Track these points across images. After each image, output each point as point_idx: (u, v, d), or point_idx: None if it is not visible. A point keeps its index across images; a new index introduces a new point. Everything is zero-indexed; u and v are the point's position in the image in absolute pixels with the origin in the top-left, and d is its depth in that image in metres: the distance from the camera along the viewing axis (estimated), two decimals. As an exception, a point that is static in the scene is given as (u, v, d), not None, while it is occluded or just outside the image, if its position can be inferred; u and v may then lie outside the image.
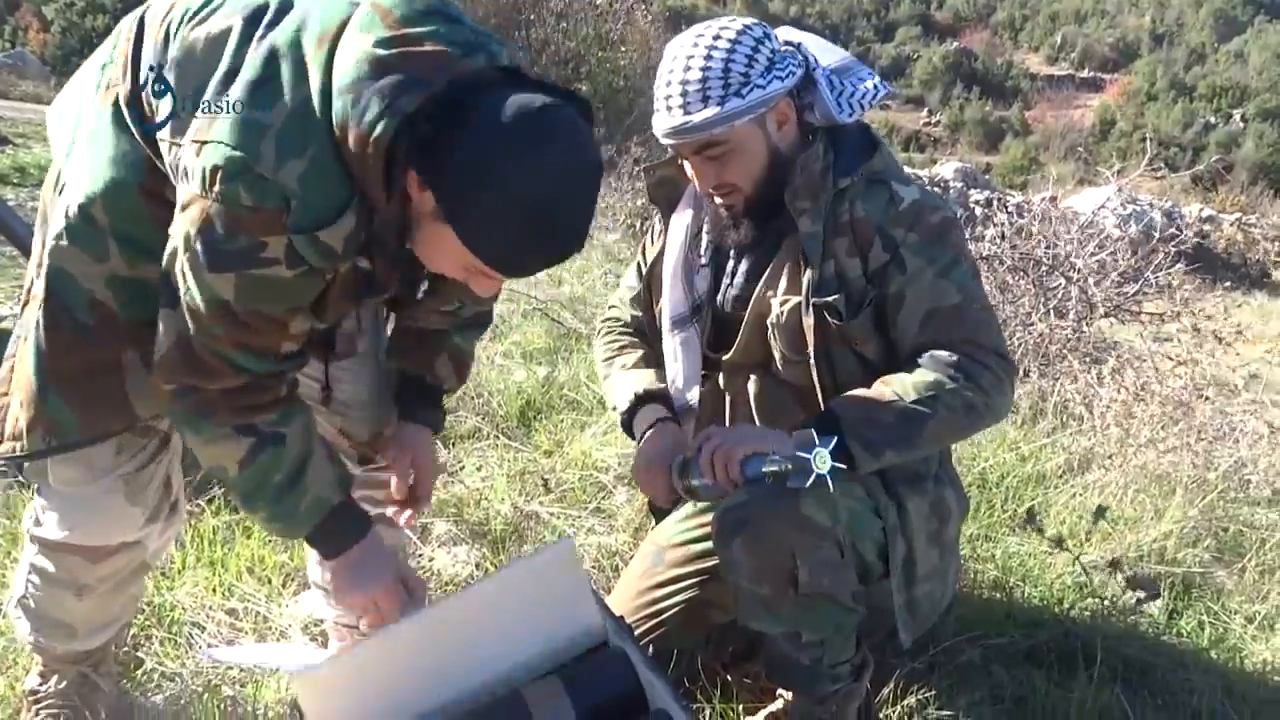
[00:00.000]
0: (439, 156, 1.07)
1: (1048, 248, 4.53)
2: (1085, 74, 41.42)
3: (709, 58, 1.42)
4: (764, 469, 1.38)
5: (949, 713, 1.69)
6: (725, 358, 1.65)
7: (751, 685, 1.79)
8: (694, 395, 1.68)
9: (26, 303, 1.36)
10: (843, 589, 1.48)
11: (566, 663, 1.40)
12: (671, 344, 1.69)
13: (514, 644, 1.36)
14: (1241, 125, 33.14)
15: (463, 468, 2.68)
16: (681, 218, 1.69)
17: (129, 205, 1.26)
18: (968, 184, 12.92)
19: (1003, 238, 4.77)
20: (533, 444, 2.88)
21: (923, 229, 1.47)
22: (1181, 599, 2.21)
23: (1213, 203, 16.30)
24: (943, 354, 1.42)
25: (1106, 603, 1.85)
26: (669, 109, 1.45)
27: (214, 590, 2.06)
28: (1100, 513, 1.65)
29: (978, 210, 10.23)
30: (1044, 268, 4.38)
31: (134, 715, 1.67)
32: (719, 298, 1.66)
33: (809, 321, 1.51)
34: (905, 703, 1.71)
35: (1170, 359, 3.72)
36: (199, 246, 1.12)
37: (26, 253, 1.85)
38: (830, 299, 1.49)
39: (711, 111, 1.42)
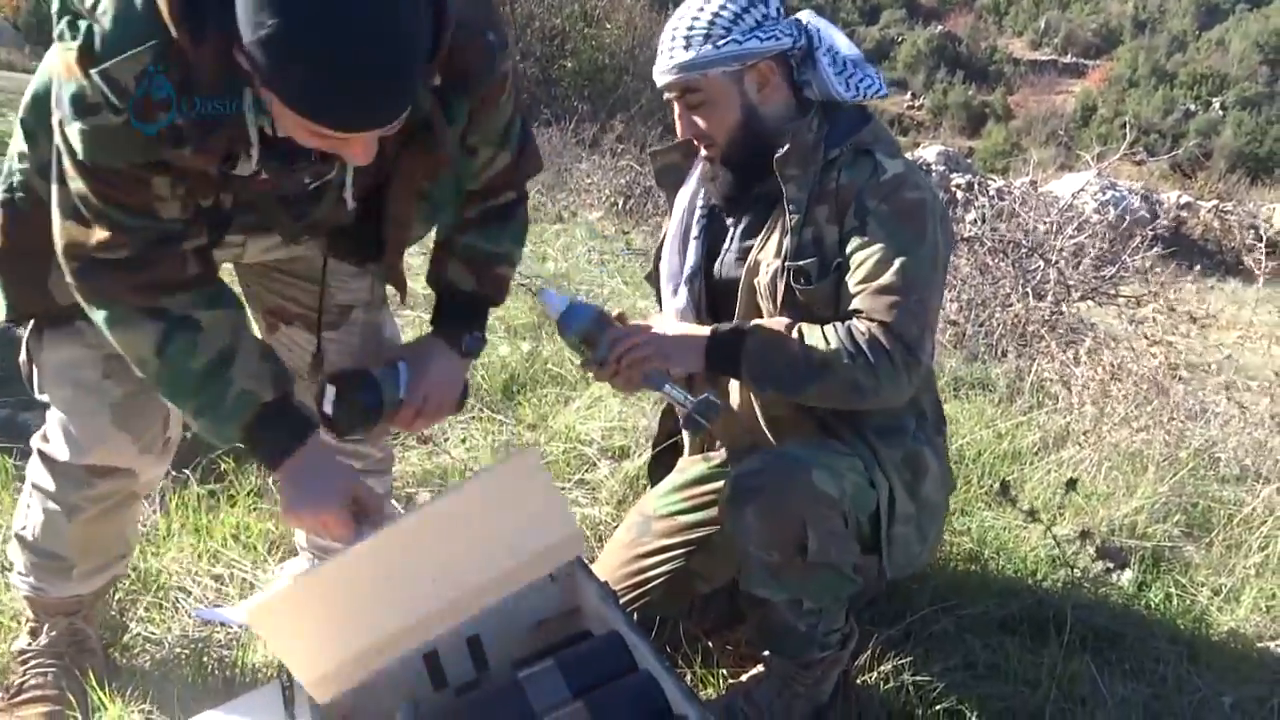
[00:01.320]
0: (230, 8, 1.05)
1: (1027, 231, 4.58)
2: (1068, 59, 41.54)
3: (701, 9, 1.54)
4: (663, 388, 1.50)
5: (924, 678, 1.73)
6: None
7: (733, 652, 1.83)
8: None
9: None
10: (846, 559, 1.53)
11: (560, 646, 1.43)
12: (669, 309, 1.77)
13: (484, 557, 1.35)
14: (1221, 113, 33.36)
15: (447, 440, 2.70)
16: (684, 193, 1.77)
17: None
18: (950, 167, 12.99)
19: (983, 220, 4.81)
20: (516, 417, 2.90)
21: (895, 203, 1.52)
22: (1150, 572, 2.26)
23: (1191, 189, 16.46)
24: (860, 328, 1.46)
25: (1077, 573, 1.90)
26: (662, 52, 1.58)
27: (200, 557, 2.07)
28: (1071, 484, 1.69)
29: (959, 194, 10.28)
30: (1023, 250, 4.43)
31: (121, 677, 1.68)
32: (718, 265, 1.72)
33: (780, 285, 1.57)
34: (881, 669, 1.75)
35: (1145, 338, 3.78)
36: (59, 100, 1.16)
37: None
38: (803, 263, 1.55)
39: (688, 55, 1.54)
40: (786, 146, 1.57)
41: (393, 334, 1.83)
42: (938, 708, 1.69)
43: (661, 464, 1.97)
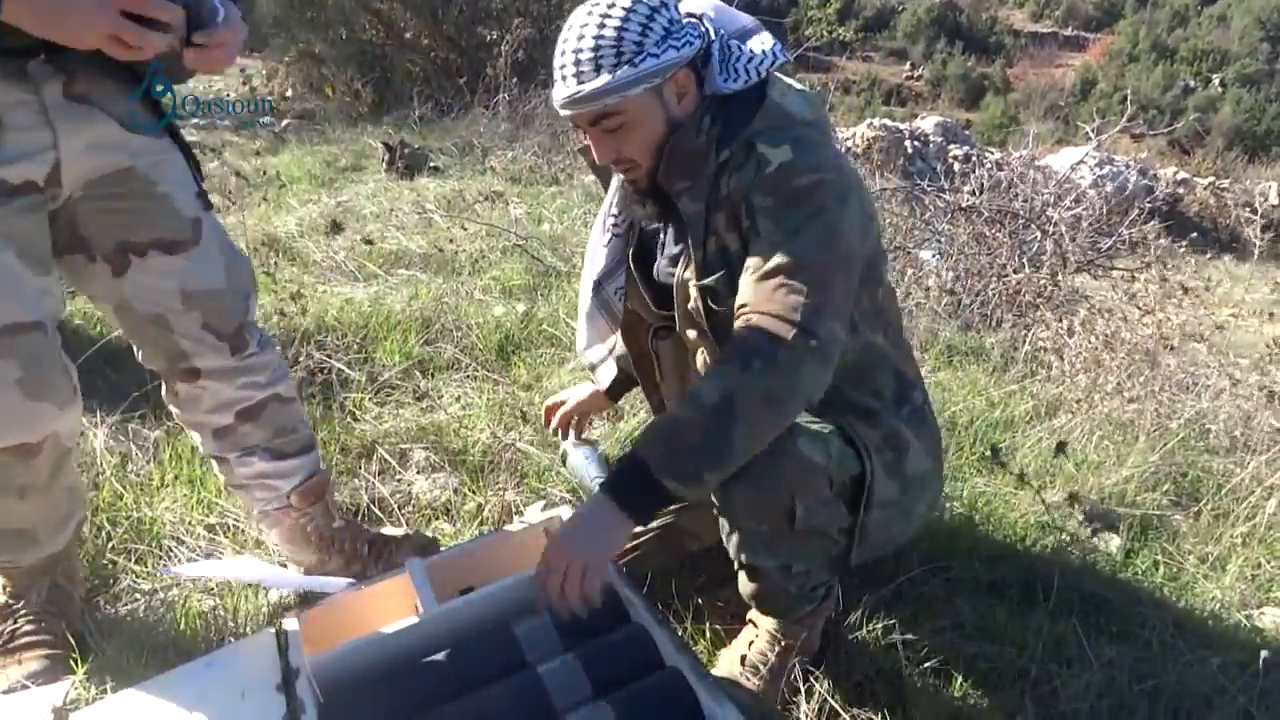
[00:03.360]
0: None
1: (1024, 201, 4.57)
2: (1069, 32, 41.29)
3: (602, 26, 1.38)
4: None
5: (912, 637, 1.75)
6: (675, 329, 1.67)
7: (723, 610, 1.84)
8: (596, 358, 1.88)
9: None
10: (833, 525, 1.50)
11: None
12: (581, 309, 1.79)
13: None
14: (1220, 90, 33.24)
15: (442, 398, 2.70)
16: (615, 182, 1.69)
17: None
18: (947, 139, 12.90)
19: (981, 190, 4.80)
20: (511, 377, 2.90)
21: (781, 193, 1.40)
22: (1139, 540, 2.28)
23: (1188, 166, 16.41)
24: (741, 329, 1.36)
25: (1066, 538, 1.91)
26: (563, 79, 1.41)
27: (193, 507, 2.08)
28: (1061, 448, 1.69)
29: (956, 165, 10.25)
30: (1020, 221, 4.42)
31: (112, 628, 1.69)
32: (655, 269, 1.68)
33: (695, 305, 1.53)
34: (871, 628, 1.77)
35: (1139, 308, 3.79)
36: None
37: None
38: (710, 281, 1.48)
39: (603, 80, 1.38)
40: (665, 161, 1.46)
41: None
42: (926, 666, 1.71)
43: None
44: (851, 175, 1.46)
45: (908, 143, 11.27)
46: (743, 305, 1.39)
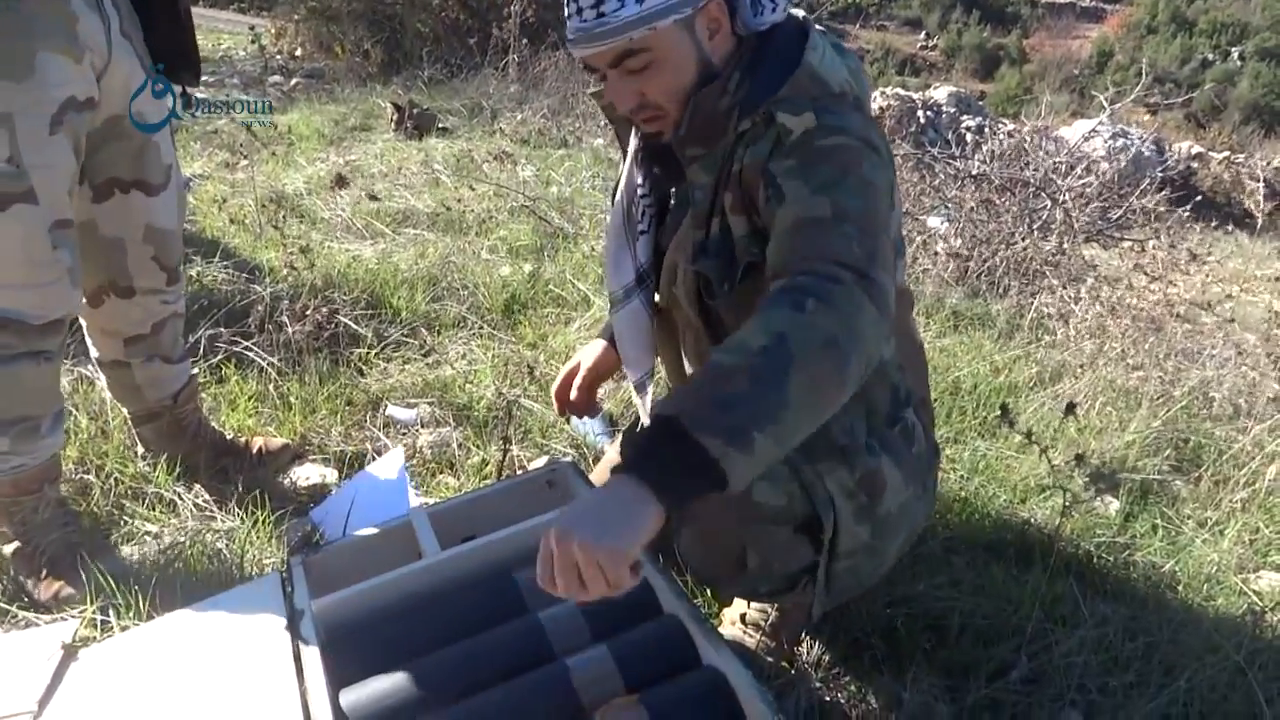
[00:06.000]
0: None
1: (1035, 170, 4.54)
2: (1087, 3, 40.74)
3: None
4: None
5: (910, 593, 1.77)
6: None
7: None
8: (646, 368, 1.57)
9: None
10: (795, 564, 1.36)
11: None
12: (617, 320, 1.54)
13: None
14: (1239, 63, 32.82)
15: (448, 354, 2.72)
16: (633, 149, 1.50)
17: None
18: (960, 109, 12.79)
19: (992, 158, 4.77)
20: (517, 336, 2.91)
21: (804, 153, 1.20)
22: (1139, 504, 2.29)
23: (1204, 140, 16.24)
24: (789, 276, 1.09)
25: (1067, 499, 1.93)
26: (578, 10, 1.23)
27: (201, 457, 2.10)
28: (1070, 408, 1.69)
29: (968, 136, 10.17)
30: (1031, 189, 4.40)
31: (121, 569, 1.72)
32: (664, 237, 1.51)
33: (685, 289, 1.40)
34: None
35: (1147, 274, 3.78)
36: None
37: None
38: (705, 267, 1.33)
39: (629, 10, 1.20)
40: (687, 120, 1.29)
41: None
42: (922, 622, 1.72)
43: None
44: (884, 150, 1.27)
45: (920, 112, 11.18)
46: (776, 269, 1.15)
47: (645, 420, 1.67)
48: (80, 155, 1.56)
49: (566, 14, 1.26)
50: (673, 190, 1.50)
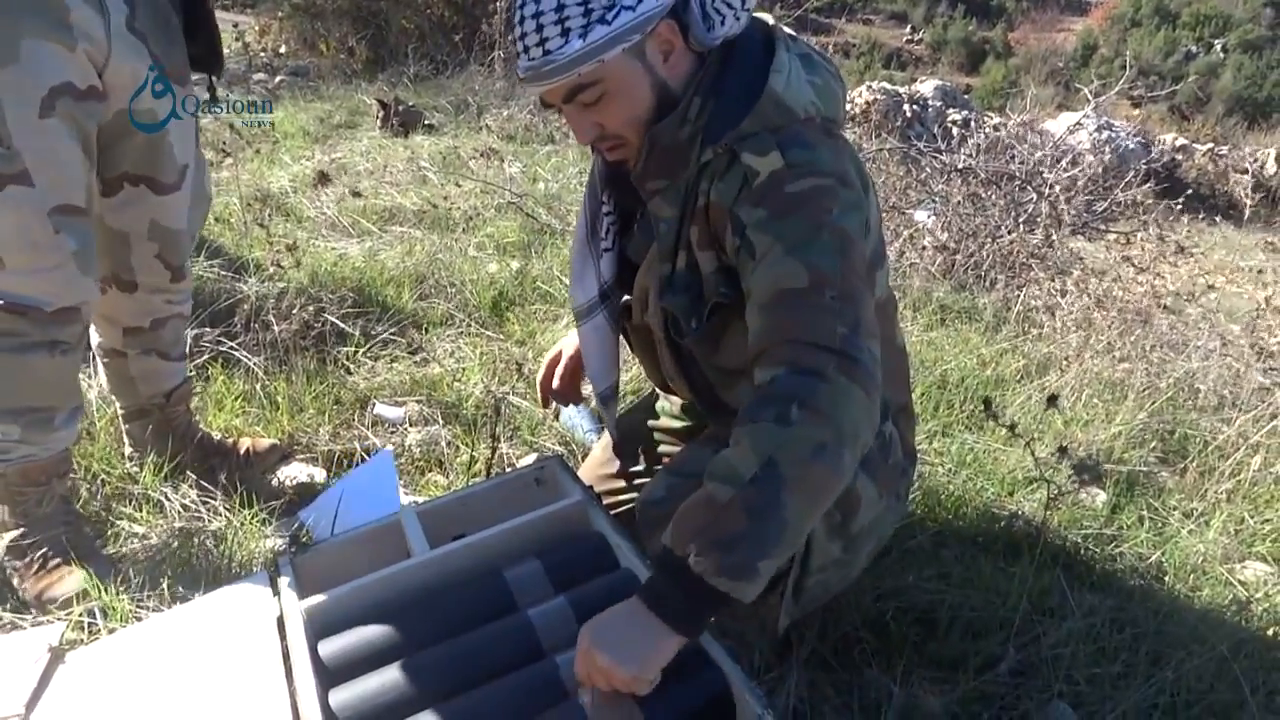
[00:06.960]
0: None
1: (1021, 163, 4.56)
2: (1071, -4, 40.83)
3: None
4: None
5: (899, 586, 1.78)
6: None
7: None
8: (609, 383, 1.59)
9: None
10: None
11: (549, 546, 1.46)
12: (581, 335, 1.56)
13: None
14: (1222, 56, 32.97)
15: (435, 352, 2.71)
16: (597, 164, 1.48)
17: None
18: (946, 103, 12.81)
19: (978, 151, 4.79)
20: (505, 333, 2.91)
21: (774, 202, 1.19)
22: (1125, 496, 2.31)
23: (1187, 132, 16.32)
24: (769, 368, 1.11)
25: (1053, 490, 1.94)
26: (525, 50, 1.20)
27: (188, 457, 2.09)
28: (1052, 400, 1.70)
29: (955, 130, 10.20)
30: (1016, 182, 4.41)
31: (109, 570, 1.71)
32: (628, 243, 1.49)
33: (657, 323, 1.40)
34: (858, 579, 1.79)
35: (1134, 266, 3.80)
36: None
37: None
38: (673, 304, 1.33)
39: (574, 45, 1.17)
40: (643, 156, 1.28)
41: None
42: (911, 615, 1.73)
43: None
44: (855, 177, 1.26)
45: (906, 106, 11.19)
46: (758, 345, 1.16)
47: (612, 433, 1.76)
48: (91, 146, 1.56)
49: (516, 51, 1.25)
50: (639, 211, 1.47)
